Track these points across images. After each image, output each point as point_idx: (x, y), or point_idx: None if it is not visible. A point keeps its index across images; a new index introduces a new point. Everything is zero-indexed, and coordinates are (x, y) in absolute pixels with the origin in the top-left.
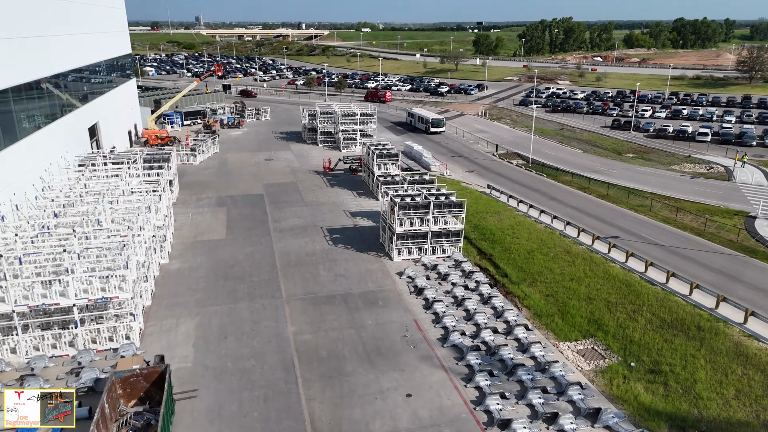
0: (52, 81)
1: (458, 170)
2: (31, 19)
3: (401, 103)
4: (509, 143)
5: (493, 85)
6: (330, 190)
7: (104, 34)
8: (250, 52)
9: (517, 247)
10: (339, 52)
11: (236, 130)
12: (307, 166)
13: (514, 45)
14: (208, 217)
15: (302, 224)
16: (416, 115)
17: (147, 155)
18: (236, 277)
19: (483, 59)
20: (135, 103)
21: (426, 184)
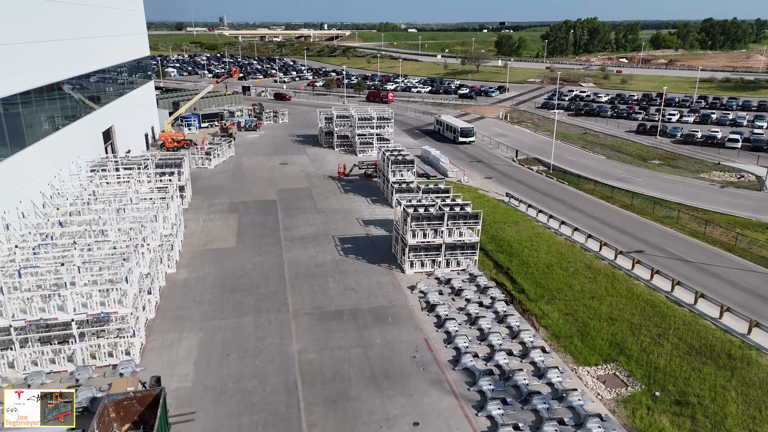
0: (64, 85)
1: (476, 176)
2: (42, 24)
3: (420, 106)
4: (530, 148)
5: (515, 87)
6: (344, 197)
7: (121, 37)
8: (272, 53)
9: (536, 261)
10: (359, 53)
11: (253, 133)
12: (322, 171)
13: (537, 46)
14: (219, 224)
15: (314, 233)
16: (444, 123)
17: (159, 160)
18: (243, 289)
19: (505, 60)
20: (153, 105)
21: (441, 194)
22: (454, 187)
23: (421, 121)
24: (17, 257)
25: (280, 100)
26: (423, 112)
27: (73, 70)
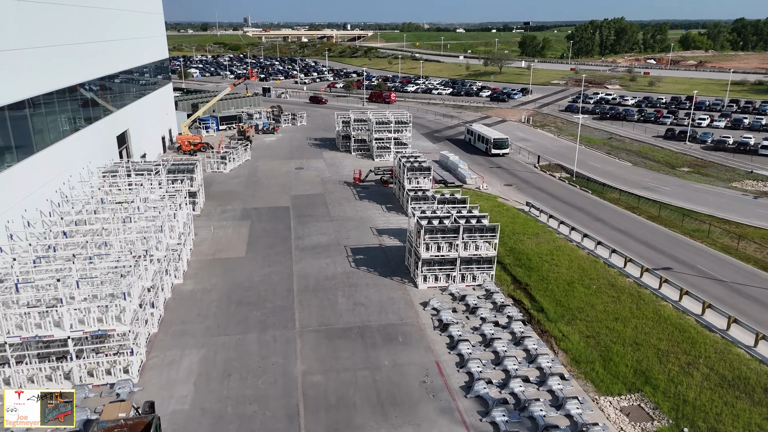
0: (76, 90)
1: (496, 183)
2: (51, 28)
3: (441, 108)
4: (552, 153)
5: (538, 89)
6: (358, 204)
7: (139, 40)
8: (294, 53)
9: (556, 277)
10: (381, 54)
11: (271, 135)
12: (338, 176)
13: (562, 46)
14: (230, 231)
15: (326, 242)
16: (476, 133)
17: (172, 165)
18: (250, 303)
19: (528, 61)
20: (171, 107)
21: (457, 204)
22: (472, 194)
23: (440, 125)
24: (15, 270)
25: (316, 103)
26: (443, 114)
27: (85, 75)
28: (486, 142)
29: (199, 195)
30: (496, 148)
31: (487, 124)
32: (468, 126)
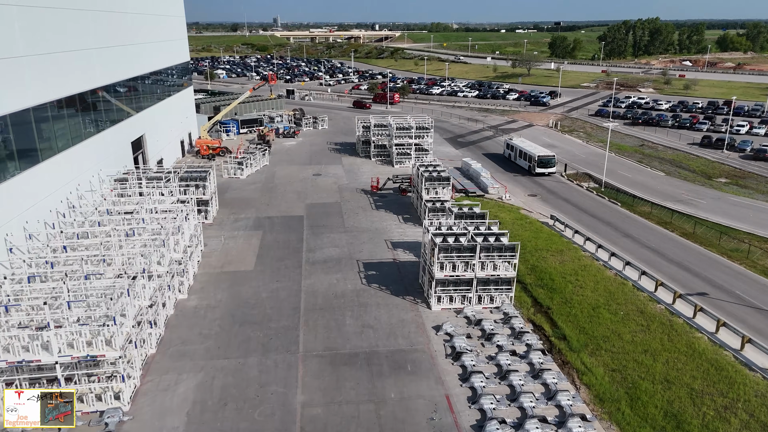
0: (87, 96)
1: (519, 193)
2: (60, 34)
3: (466, 111)
4: (580, 161)
5: (567, 92)
6: (374, 214)
7: (158, 44)
8: (320, 54)
9: (580, 300)
10: (407, 55)
11: (291, 140)
12: (356, 183)
13: (594, 47)
14: (240, 242)
15: (337, 256)
16: (517, 148)
17: (185, 173)
18: (254, 322)
19: (558, 63)
20: (191, 111)
21: (476, 219)
22: (494, 205)
23: (464, 129)
24: (6, 288)
25: (360, 108)
26: (468, 118)
27: (97, 81)
28: (529, 159)
29: (212, 203)
30: (541, 166)
31: (514, 129)
32: (507, 140)
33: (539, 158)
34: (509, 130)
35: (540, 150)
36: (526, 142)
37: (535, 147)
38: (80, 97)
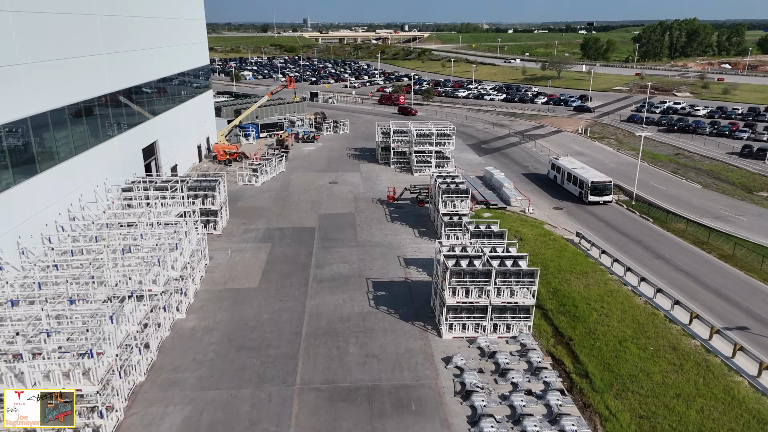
0: (93, 104)
1: (544, 206)
2: (66, 40)
3: (491, 116)
4: (610, 171)
5: (599, 96)
6: (389, 227)
7: (174, 48)
8: (348, 55)
9: (606, 331)
10: (435, 57)
11: (310, 145)
12: (372, 192)
13: (628, 48)
14: (247, 255)
15: (347, 273)
16: (564, 170)
17: (194, 182)
18: (251, 347)
19: (590, 65)
20: (210, 115)
21: (494, 238)
22: (516, 219)
23: (489, 135)
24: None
25: (405, 114)
26: (494, 123)
27: (105, 88)
28: (580, 184)
29: (222, 213)
30: (596, 193)
31: (541, 135)
32: (553, 159)
33: (593, 184)
34: (536, 136)
35: (594, 174)
36: (575, 163)
37: (587, 170)
38: (85, 105)
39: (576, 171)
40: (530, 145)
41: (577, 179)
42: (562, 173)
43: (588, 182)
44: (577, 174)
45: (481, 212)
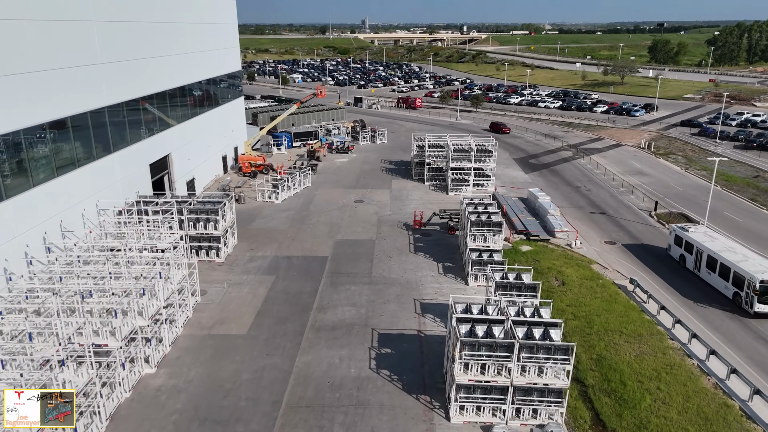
0: (85, 118)
1: (594, 238)
2: (59, 49)
3: (544, 125)
4: (676, 196)
5: (666, 104)
6: (410, 259)
7: (195, 54)
8: (401, 58)
9: (661, 426)
10: (490, 59)
11: (343, 156)
12: (399, 214)
13: (702, 51)
14: (245, 291)
15: (351, 319)
16: (704, 252)
17: (197, 202)
18: (218, 420)
19: (658, 70)
20: (239, 123)
21: (524, 292)
22: (560, 256)
23: (540, 147)
24: None
25: (497, 132)
26: (546, 134)
27: (102, 100)
28: (736, 280)
29: (227, 238)
30: (764, 300)
31: (597, 149)
32: (679, 230)
33: (763, 285)
34: (592, 150)
35: (762, 265)
36: (720, 240)
37: (749, 258)
38: (74, 121)
39: (724, 255)
40: (584, 161)
41: (730, 271)
42: (699, 256)
43: (755, 281)
44: (726, 261)
45: (519, 245)
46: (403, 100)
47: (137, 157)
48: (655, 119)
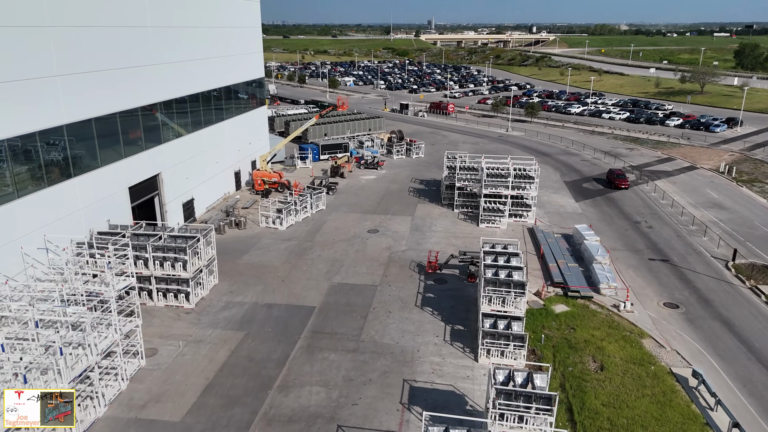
0: (39, 136)
1: (650, 298)
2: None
3: (606, 140)
4: (761, 238)
5: (753, 119)
6: (413, 316)
7: (206, 61)
8: (461, 60)
9: None
10: (554, 63)
11: (371, 172)
12: (415, 250)
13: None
14: (202, 354)
15: (315, 409)
16: None
17: (169, 236)
18: None
19: (744, 78)
20: (261, 134)
21: (536, 403)
22: (602, 322)
23: (597, 168)
24: None
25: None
26: (607, 151)
27: (61, 117)
28: None
29: (202, 279)
30: None
31: (666, 172)
32: None
33: None
34: (659, 173)
35: None
36: None
37: None
38: (13, 143)
39: None
40: (649, 188)
41: None
42: None
43: None
44: None
45: (553, 302)
46: (435, 105)
47: (111, 180)
48: (738, 136)
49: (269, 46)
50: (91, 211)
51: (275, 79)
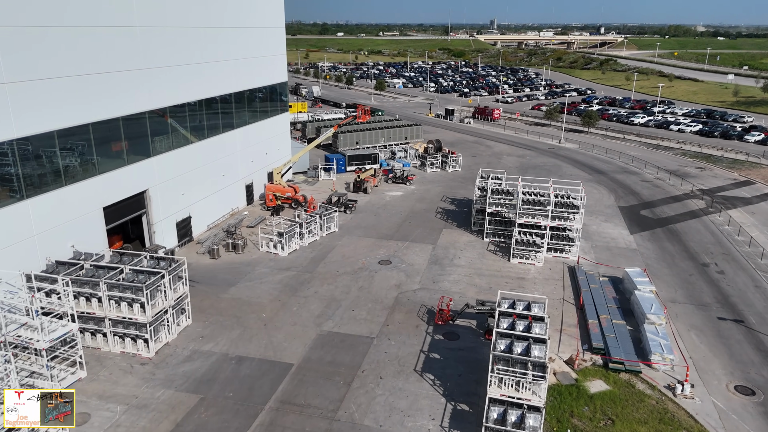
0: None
1: (717, 376)
2: None
3: (673, 157)
4: None
5: None
6: (408, 387)
7: (210, 65)
8: (519, 62)
9: None
10: (620, 67)
11: (399, 187)
12: (429, 290)
13: None
14: (140, 426)
15: None
16: None
17: (128, 272)
18: None
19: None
20: (281, 143)
21: None
22: (650, 413)
23: (660, 191)
24: None
25: None
26: (672, 171)
27: (12, 131)
28: None
29: (168, 322)
30: None
31: (742, 198)
32: None
33: None
34: (734, 200)
35: None
36: None
37: None
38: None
39: None
40: (722, 219)
41: None
42: None
43: None
44: None
45: (588, 376)
46: (479, 111)
47: (79, 200)
48: None
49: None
50: (49, 236)
51: (324, 80)
